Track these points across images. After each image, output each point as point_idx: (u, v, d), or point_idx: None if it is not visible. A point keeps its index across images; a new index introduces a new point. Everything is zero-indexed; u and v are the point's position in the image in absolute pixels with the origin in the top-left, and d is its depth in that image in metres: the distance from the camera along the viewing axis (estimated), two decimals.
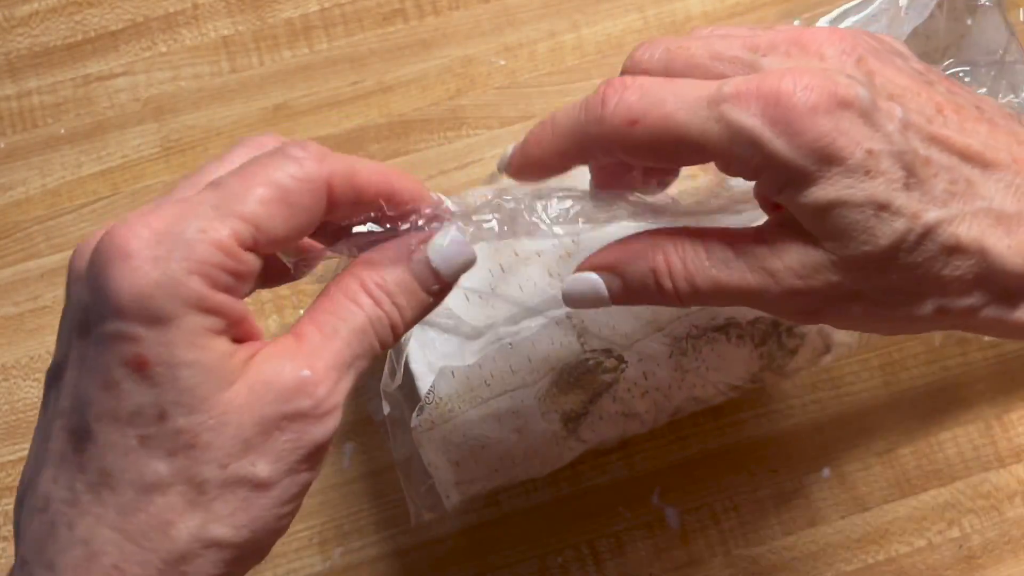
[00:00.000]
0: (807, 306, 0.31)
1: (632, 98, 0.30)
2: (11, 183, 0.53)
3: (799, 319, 0.32)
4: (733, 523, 0.49)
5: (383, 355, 0.38)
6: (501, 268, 0.41)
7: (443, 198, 0.31)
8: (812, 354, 0.44)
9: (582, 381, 0.41)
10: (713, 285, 0.31)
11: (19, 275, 0.52)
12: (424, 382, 0.40)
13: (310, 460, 0.28)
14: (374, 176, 0.29)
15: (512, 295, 0.41)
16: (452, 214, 0.31)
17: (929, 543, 0.49)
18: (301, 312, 0.38)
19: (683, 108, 0.29)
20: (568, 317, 0.40)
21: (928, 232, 0.29)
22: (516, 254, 0.41)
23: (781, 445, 0.50)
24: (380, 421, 0.49)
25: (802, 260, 0.30)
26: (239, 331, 0.27)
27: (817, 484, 0.49)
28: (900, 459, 0.50)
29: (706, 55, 0.31)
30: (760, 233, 0.31)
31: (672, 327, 0.41)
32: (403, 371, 0.41)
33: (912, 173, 0.29)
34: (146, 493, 0.26)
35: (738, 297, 0.31)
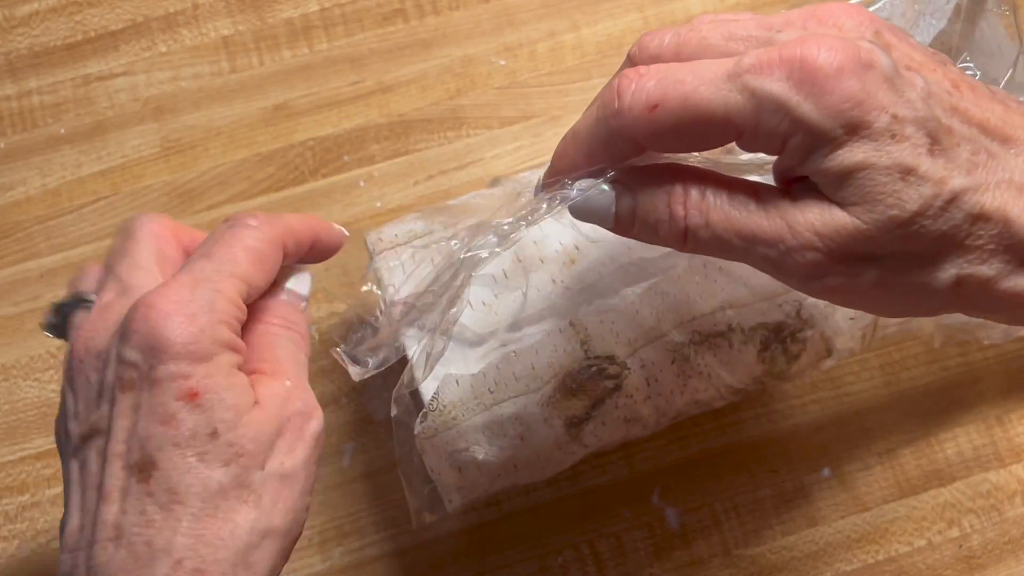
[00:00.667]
0: (819, 267, 0.30)
1: (649, 84, 0.30)
2: (11, 183, 0.53)
3: (807, 283, 0.31)
4: (733, 523, 0.49)
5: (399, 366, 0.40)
6: (504, 274, 0.41)
7: (343, 230, 0.40)
8: (814, 358, 0.44)
9: (585, 387, 0.41)
10: (726, 222, 0.31)
11: (19, 275, 0.52)
12: (428, 389, 0.40)
13: (315, 448, 0.34)
14: (303, 226, 0.37)
15: (516, 301, 0.41)
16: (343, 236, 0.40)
17: (929, 543, 0.49)
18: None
19: (703, 84, 0.29)
20: (572, 325, 0.40)
21: (954, 199, 0.29)
22: (519, 260, 0.41)
23: (781, 445, 0.50)
24: (380, 421, 0.49)
25: (824, 218, 0.30)
26: (244, 366, 0.34)
27: (817, 484, 0.49)
28: (900, 459, 0.50)
29: (719, 36, 0.31)
30: (785, 189, 0.31)
31: (675, 333, 0.41)
32: (407, 376, 0.40)
33: (936, 141, 0.29)
34: (211, 500, 0.31)
35: (748, 243, 0.31)
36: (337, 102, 0.54)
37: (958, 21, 0.42)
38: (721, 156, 0.34)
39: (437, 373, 0.40)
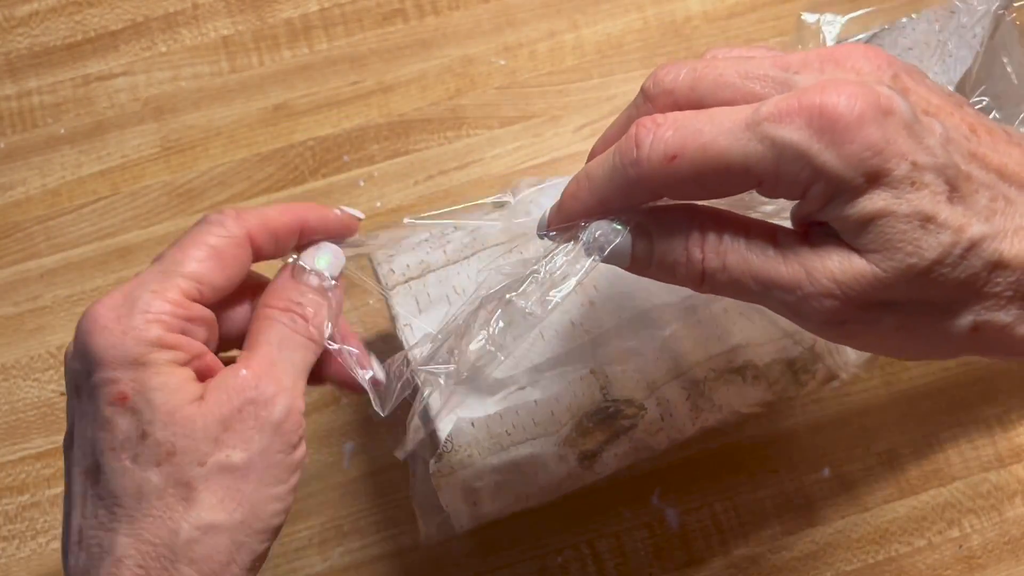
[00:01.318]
0: (837, 314, 0.30)
1: (667, 134, 0.29)
2: (11, 183, 0.53)
3: (825, 329, 0.31)
4: (733, 523, 0.49)
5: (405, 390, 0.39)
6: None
7: (347, 210, 0.39)
8: (822, 382, 0.44)
9: (602, 426, 0.40)
10: (744, 266, 0.31)
11: (19, 275, 0.52)
12: (443, 430, 0.40)
13: (278, 438, 0.33)
14: (284, 217, 0.36)
15: (533, 343, 0.40)
16: (359, 219, 0.39)
17: (929, 543, 0.49)
18: None
19: (722, 134, 0.29)
20: (592, 372, 0.40)
21: (972, 247, 0.29)
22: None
23: (781, 445, 0.50)
24: (380, 421, 0.49)
25: (843, 265, 0.29)
26: (201, 364, 0.33)
27: (817, 484, 0.49)
28: (900, 459, 0.50)
29: (735, 73, 0.30)
30: (803, 234, 0.31)
31: (693, 372, 0.41)
32: (422, 417, 0.40)
33: (955, 188, 0.29)
34: (147, 500, 0.31)
35: (766, 288, 0.31)
36: (337, 102, 0.54)
37: (980, 51, 0.42)
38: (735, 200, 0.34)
39: (453, 414, 0.39)
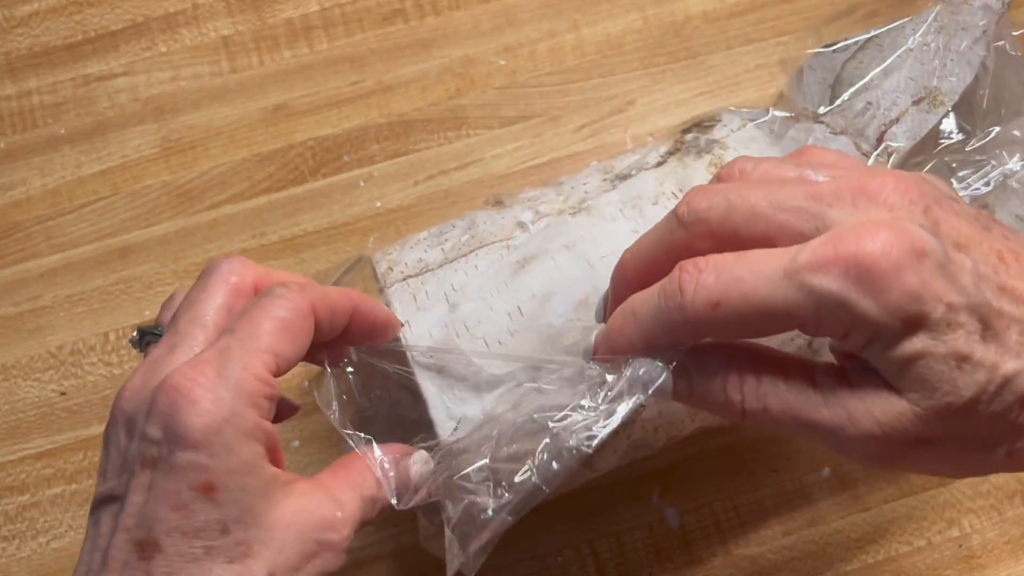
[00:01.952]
0: (879, 452, 0.31)
1: (709, 280, 0.30)
2: (11, 183, 0.53)
3: (867, 463, 0.32)
4: (733, 523, 0.49)
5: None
6: (520, 311, 0.41)
7: (395, 318, 0.40)
8: None
9: None
10: (785, 410, 0.32)
11: (19, 275, 0.52)
12: (443, 429, 0.40)
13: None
14: (341, 297, 0.36)
15: (532, 340, 0.40)
16: (401, 325, 0.40)
17: (929, 543, 0.49)
18: None
19: (762, 283, 0.29)
20: (592, 366, 0.40)
21: (1006, 383, 0.29)
22: (534, 295, 0.41)
23: (781, 445, 0.50)
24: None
25: (884, 407, 0.30)
26: (274, 456, 0.33)
27: (817, 484, 0.49)
28: None
29: (767, 205, 0.31)
30: (842, 372, 0.31)
31: None
32: (423, 416, 0.40)
33: (988, 325, 0.29)
34: None
35: (807, 429, 0.32)
36: (337, 102, 0.54)
37: (987, 77, 0.42)
38: None
39: (452, 412, 0.40)
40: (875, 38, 0.44)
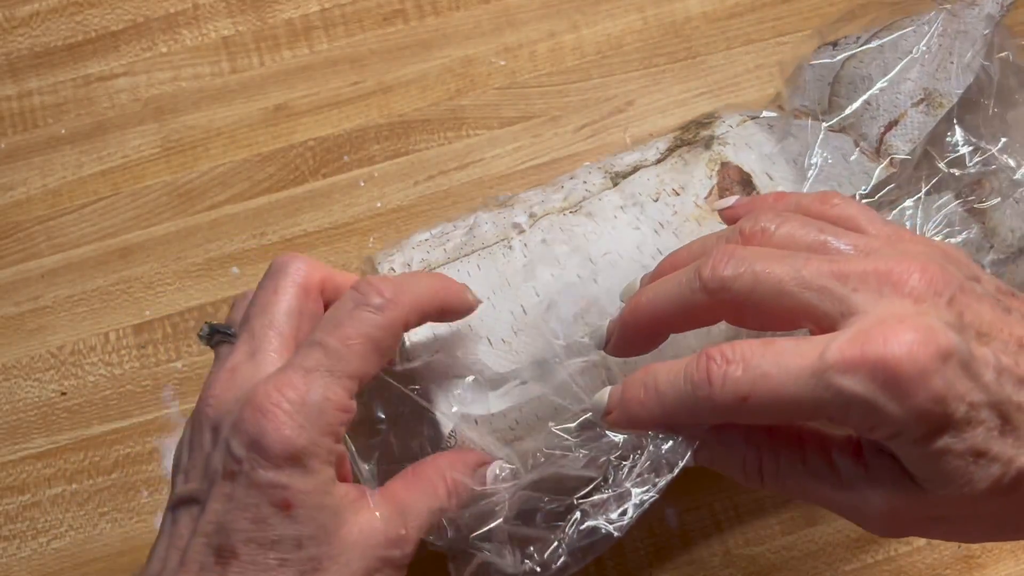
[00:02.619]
0: (893, 528, 0.32)
1: (737, 373, 0.30)
2: (12, 183, 0.53)
3: (879, 533, 0.33)
4: (733, 523, 0.49)
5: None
6: (523, 310, 0.41)
7: (475, 295, 0.39)
8: None
9: None
10: (801, 490, 0.33)
11: (20, 275, 0.52)
12: (446, 426, 0.40)
13: None
14: (432, 297, 0.36)
15: (536, 338, 0.40)
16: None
17: (929, 543, 0.49)
18: None
19: (789, 380, 0.30)
20: (595, 366, 0.40)
21: (1021, 475, 0.30)
22: (537, 295, 0.41)
23: None
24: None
25: (899, 492, 0.31)
26: (341, 472, 0.35)
27: None
28: None
29: (793, 283, 0.31)
30: (859, 450, 0.32)
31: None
32: (426, 415, 0.40)
33: (1007, 420, 0.30)
34: None
35: (825, 506, 0.33)
36: (337, 102, 0.54)
37: (992, 87, 0.42)
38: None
39: (456, 410, 0.40)
40: (875, 37, 0.44)
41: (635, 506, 0.34)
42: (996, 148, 0.42)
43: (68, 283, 0.52)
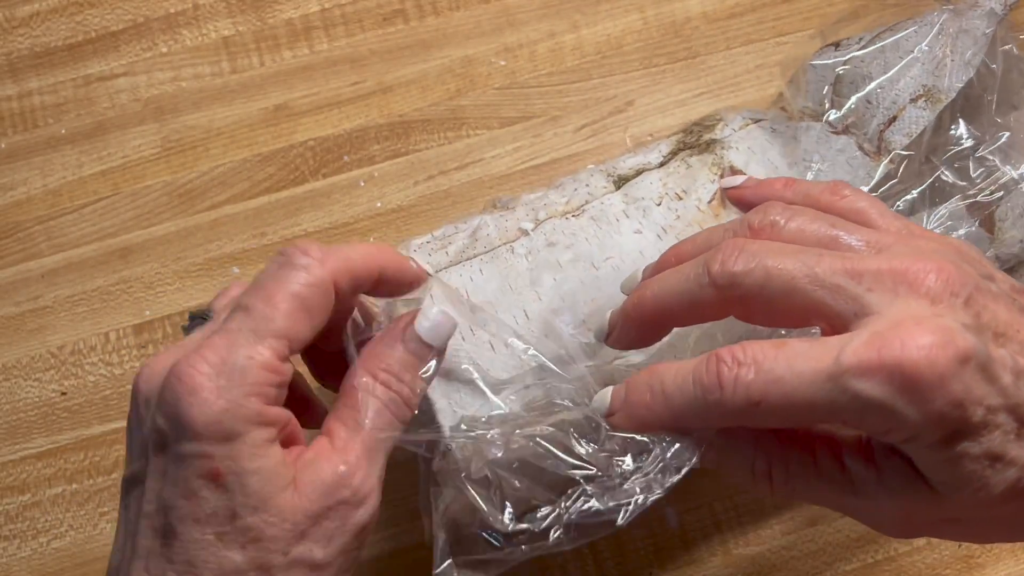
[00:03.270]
0: (905, 529, 0.32)
1: (748, 377, 0.29)
2: (12, 183, 0.53)
3: (891, 534, 0.33)
4: (733, 523, 0.49)
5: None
6: (526, 315, 0.41)
7: (419, 264, 0.36)
8: None
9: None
10: (812, 496, 0.32)
11: (20, 275, 0.52)
12: (445, 421, 0.39)
13: (358, 539, 0.33)
14: (367, 262, 0.34)
15: (539, 343, 0.40)
16: (428, 276, 0.36)
17: (928, 542, 0.49)
18: None
19: (804, 385, 0.29)
20: (598, 369, 0.40)
21: None
22: (540, 299, 0.41)
23: None
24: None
25: (912, 495, 0.30)
26: (286, 433, 0.32)
27: None
28: None
29: (805, 279, 0.30)
30: (870, 451, 0.31)
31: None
32: (429, 419, 0.40)
33: (1023, 423, 0.29)
34: None
35: (836, 508, 0.32)
36: (337, 102, 0.54)
37: (995, 82, 0.42)
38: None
39: (458, 415, 0.39)
40: (877, 38, 0.44)
41: (639, 501, 0.33)
42: (999, 143, 0.42)
43: (68, 283, 0.52)
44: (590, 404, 0.35)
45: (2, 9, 0.55)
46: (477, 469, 0.35)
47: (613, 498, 0.33)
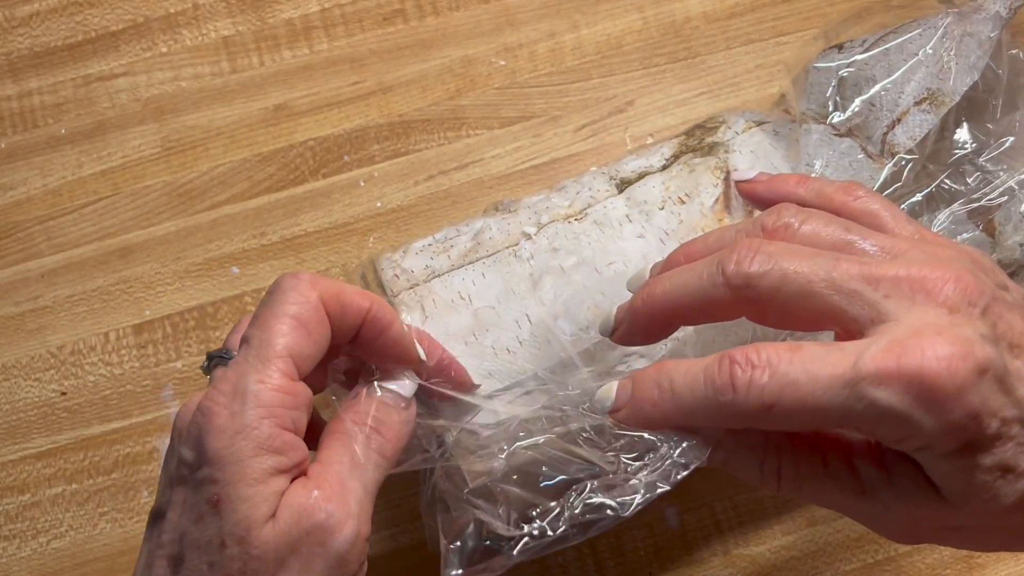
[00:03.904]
0: (912, 535, 0.32)
1: (763, 380, 0.29)
2: (12, 183, 0.53)
3: (896, 540, 0.33)
4: (733, 523, 0.49)
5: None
6: (529, 319, 0.41)
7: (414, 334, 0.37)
8: None
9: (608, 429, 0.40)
10: (820, 495, 0.32)
11: (20, 275, 0.52)
12: (450, 435, 0.39)
13: (341, 569, 0.32)
14: (355, 295, 0.34)
15: (541, 349, 0.40)
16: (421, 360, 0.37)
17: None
18: None
19: (819, 390, 0.28)
20: (601, 375, 0.40)
21: None
22: (542, 304, 0.41)
23: None
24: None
25: (921, 502, 0.30)
26: (301, 470, 0.32)
27: None
28: None
29: (822, 283, 0.30)
30: (881, 455, 0.31)
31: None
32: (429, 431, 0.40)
33: None
34: None
35: (844, 510, 0.32)
36: (337, 102, 0.54)
37: (1000, 86, 0.42)
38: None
39: (459, 422, 0.39)
40: (881, 40, 0.43)
41: (644, 493, 0.33)
42: (1003, 148, 0.42)
43: (68, 283, 0.52)
44: (592, 400, 0.34)
45: (2, 9, 0.55)
46: (477, 480, 0.35)
47: (619, 493, 0.33)
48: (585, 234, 0.42)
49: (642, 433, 0.33)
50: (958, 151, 0.42)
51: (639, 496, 0.33)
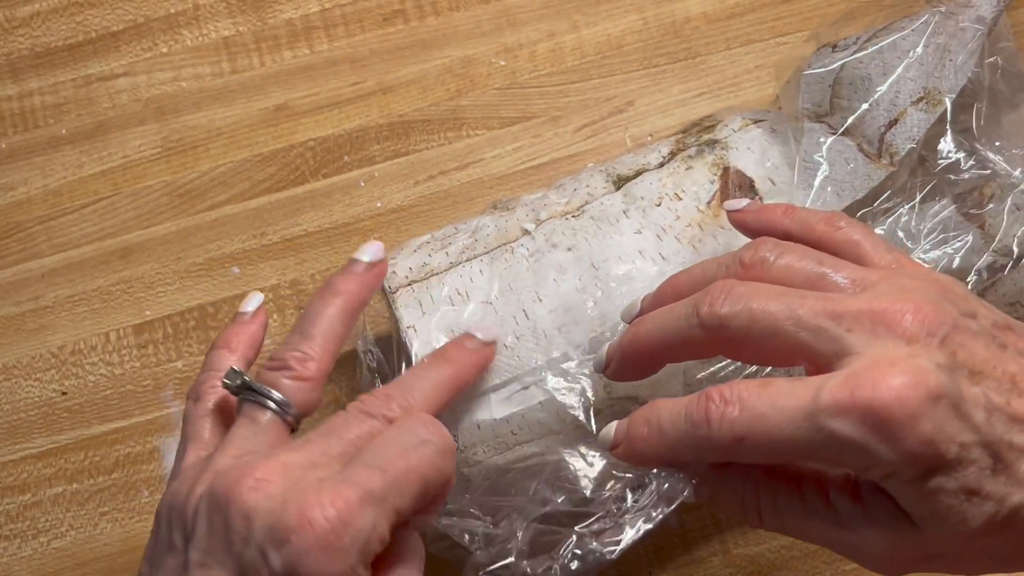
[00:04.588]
0: (891, 566, 0.33)
1: (734, 414, 0.31)
2: (12, 183, 0.53)
3: (878, 571, 0.34)
4: (733, 523, 0.49)
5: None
6: (526, 315, 0.41)
7: None
8: None
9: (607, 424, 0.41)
10: (800, 530, 0.34)
11: (20, 275, 0.52)
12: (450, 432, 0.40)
13: None
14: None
15: (538, 342, 0.40)
16: None
17: None
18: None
19: (784, 423, 0.30)
20: (596, 370, 0.40)
21: (1013, 513, 0.30)
22: (540, 299, 0.41)
23: None
24: None
25: (895, 531, 0.31)
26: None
27: None
28: None
29: (788, 322, 0.31)
30: (856, 489, 0.33)
31: (696, 370, 0.41)
32: None
33: (999, 459, 0.30)
34: None
35: (827, 544, 0.33)
36: (337, 103, 0.54)
37: (984, 92, 0.42)
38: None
39: (458, 416, 0.40)
40: (874, 39, 0.43)
41: (631, 535, 0.35)
42: (991, 151, 0.42)
43: (68, 283, 0.52)
44: (597, 437, 0.37)
45: (2, 9, 0.55)
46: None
47: (611, 535, 0.35)
48: (583, 230, 0.42)
49: (635, 471, 0.36)
50: (943, 160, 0.42)
51: (625, 539, 0.35)
